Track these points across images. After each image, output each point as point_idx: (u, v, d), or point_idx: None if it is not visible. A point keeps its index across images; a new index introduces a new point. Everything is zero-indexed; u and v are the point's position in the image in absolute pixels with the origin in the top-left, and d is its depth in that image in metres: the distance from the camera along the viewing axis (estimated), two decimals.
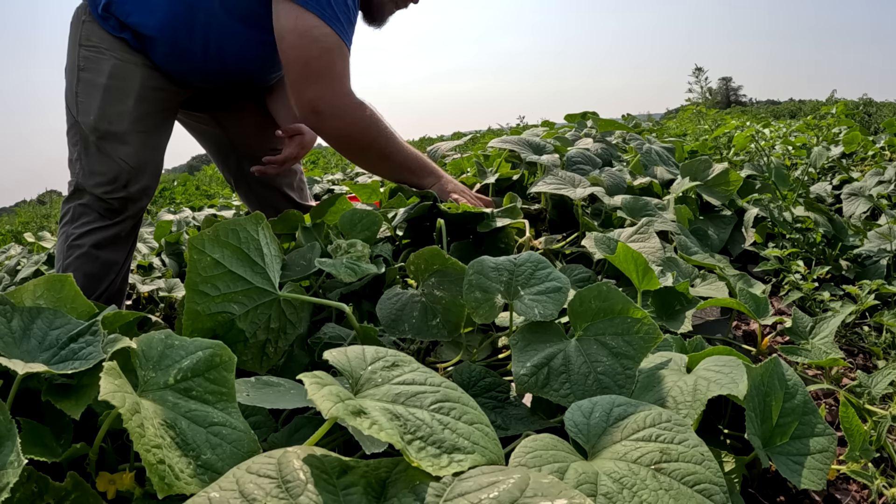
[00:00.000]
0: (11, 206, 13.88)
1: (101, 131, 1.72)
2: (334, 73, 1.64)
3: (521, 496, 0.55)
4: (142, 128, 1.77)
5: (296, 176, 2.25)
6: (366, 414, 0.65)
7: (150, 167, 1.82)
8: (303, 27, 1.58)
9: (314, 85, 1.62)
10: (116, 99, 1.73)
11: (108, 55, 1.73)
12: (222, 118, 2.09)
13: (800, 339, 1.44)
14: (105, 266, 1.79)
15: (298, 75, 1.63)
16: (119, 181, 1.74)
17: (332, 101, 1.65)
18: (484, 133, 9.81)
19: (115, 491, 0.76)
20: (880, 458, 1.14)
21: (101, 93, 1.72)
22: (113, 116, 1.72)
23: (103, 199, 1.75)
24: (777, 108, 21.79)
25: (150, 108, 1.79)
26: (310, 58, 1.60)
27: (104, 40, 1.73)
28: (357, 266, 1.24)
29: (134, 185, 1.77)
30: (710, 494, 0.67)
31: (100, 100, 1.72)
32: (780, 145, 3.99)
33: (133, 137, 1.74)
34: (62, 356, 0.83)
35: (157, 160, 1.85)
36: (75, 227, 1.76)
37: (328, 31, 1.60)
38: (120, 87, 1.73)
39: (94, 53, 1.74)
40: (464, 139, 2.79)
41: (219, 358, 0.81)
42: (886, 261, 1.99)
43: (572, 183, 1.85)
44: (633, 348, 0.97)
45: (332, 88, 1.64)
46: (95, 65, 1.73)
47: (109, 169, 1.73)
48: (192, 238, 1.06)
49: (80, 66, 1.75)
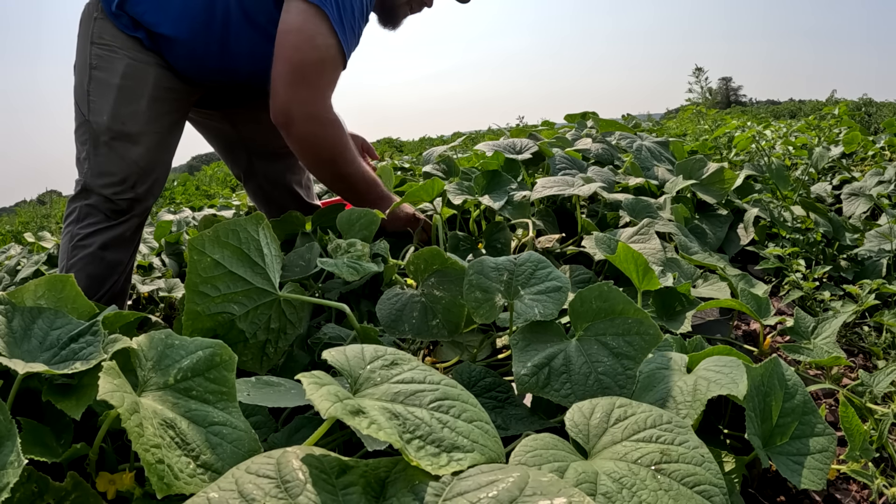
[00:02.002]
0: (11, 206, 13.87)
1: (113, 131, 1.69)
2: (320, 84, 1.62)
3: (521, 495, 0.55)
4: (155, 128, 1.75)
5: (304, 174, 2.25)
6: (364, 413, 0.65)
7: (159, 168, 1.80)
8: (309, 31, 1.57)
9: (297, 88, 1.59)
10: (130, 99, 1.71)
11: (121, 54, 1.71)
12: (233, 115, 2.08)
13: (801, 339, 1.44)
14: (110, 266, 1.78)
15: (286, 73, 1.59)
16: (128, 182, 1.73)
17: (307, 109, 1.62)
18: (484, 133, 9.81)
19: (115, 491, 0.76)
20: (880, 457, 1.14)
21: (115, 92, 1.70)
22: (126, 117, 1.70)
23: (111, 199, 1.73)
24: (777, 108, 21.78)
25: (163, 109, 1.77)
26: (305, 62, 1.58)
27: (117, 38, 1.71)
28: (359, 265, 1.24)
29: (142, 185, 1.76)
30: (710, 496, 0.67)
31: (113, 100, 1.70)
32: (781, 145, 3.99)
33: (145, 138, 1.73)
34: (63, 356, 0.83)
35: (166, 161, 1.84)
36: (80, 228, 1.75)
37: (332, 42, 1.59)
38: (133, 87, 1.71)
39: (107, 52, 1.71)
40: (460, 139, 2.80)
41: (219, 357, 0.81)
42: (886, 260, 1.99)
43: (569, 184, 1.85)
44: (633, 348, 0.97)
45: (313, 97, 1.62)
46: (108, 64, 1.71)
47: (119, 169, 1.72)
48: (192, 239, 1.06)
49: (93, 65, 1.72)
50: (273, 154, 2.13)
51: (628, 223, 1.83)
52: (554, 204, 2.13)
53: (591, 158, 2.48)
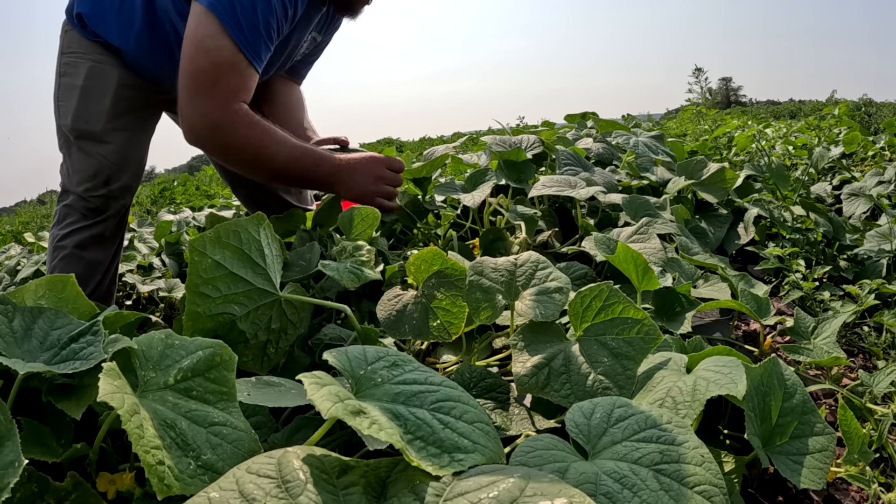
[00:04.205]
0: (11, 206, 13.85)
1: (78, 131, 1.75)
2: (217, 91, 1.50)
3: (521, 495, 0.55)
4: (120, 125, 1.78)
5: None
6: (365, 414, 0.65)
7: (131, 165, 1.82)
8: (199, 35, 1.47)
9: (195, 100, 1.50)
10: (93, 99, 1.75)
11: (85, 59, 1.76)
12: None
13: (801, 339, 1.44)
14: (90, 266, 1.81)
15: (182, 87, 1.51)
16: (99, 177, 1.76)
17: (209, 119, 1.52)
18: (484, 133, 9.82)
19: (116, 491, 0.77)
20: (880, 458, 1.15)
21: (79, 94, 1.75)
22: (90, 116, 1.75)
23: (85, 197, 1.78)
24: (777, 108, 21.79)
25: (128, 106, 1.80)
26: (197, 70, 1.49)
27: (83, 45, 1.76)
28: (360, 271, 1.24)
29: (115, 182, 1.79)
30: (711, 496, 0.67)
31: (76, 100, 1.75)
32: (781, 145, 3.99)
33: (111, 136, 1.76)
34: (63, 356, 0.83)
35: (138, 158, 1.85)
36: (60, 229, 1.80)
37: (224, 42, 1.47)
38: (97, 86, 1.75)
39: (74, 59, 1.77)
40: (460, 139, 2.79)
41: (219, 357, 0.81)
42: (886, 260, 1.99)
43: (570, 184, 1.85)
44: (633, 349, 0.97)
45: (212, 106, 1.51)
46: (74, 69, 1.76)
47: (89, 166, 1.76)
48: (192, 240, 1.06)
49: (62, 73, 1.79)
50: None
51: (627, 222, 1.83)
52: (556, 203, 2.13)
53: (592, 158, 2.48)
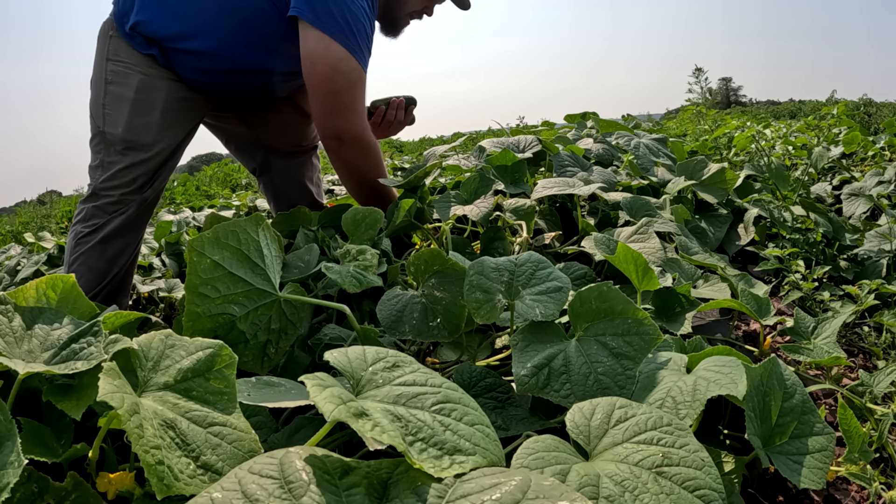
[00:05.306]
0: (11, 206, 13.85)
1: (128, 141, 1.81)
2: (357, 108, 1.77)
3: (524, 498, 0.55)
4: (167, 137, 1.86)
5: (315, 171, 2.38)
6: (367, 416, 0.65)
7: (168, 171, 1.93)
8: (333, 58, 1.68)
9: (339, 116, 1.75)
10: (143, 111, 1.82)
11: (135, 71, 1.81)
12: (249, 118, 2.19)
13: (801, 339, 1.44)
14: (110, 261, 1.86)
15: (324, 104, 1.73)
16: (137, 183, 1.84)
17: (353, 134, 1.78)
18: (484, 133, 9.81)
19: (115, 491, 0.76)
20: (881, 457, 1.15)
21: (129, 106, 1.80)
22: (140, 128, 1.81)
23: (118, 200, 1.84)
24: (777, 108, 21.78)
25: (175, 118, 1.88)
26: (339, 90, 1.71)
27: (132, 56, 1.82)
28: (363, 276, 1.24)
29: (149, 187, 1.88)
30: (710, 500, 0.67)
31: (127, 112, 1.81)
32: (781, 145, 3.99)
33: (158, 146, 1.84)
34: (63, 356, 0.83)
35: (173, 166, 1.96)
36: (85, 226, 1.85)
37: (355, 65, 1.71)
38: (146, 99, 1.82)
39: (122, 68, 1.82)
40: (460, 140, 2.79)
41: (219, 358, 0.81)
42: (886, 261, 1.99)
43: (569, 185, 1.85)
44: (633, 349, 0.97)
45: (354, 122, 1.77)
46: (123, 79, 1.82)
47: (130, 173, 1.83)
48: (191, 240, 1.06)
49: (108, 80, 1.83)
50: (288, 152, 2.27)
51: (627, 222, 1.83)
52: (556, 203, 2.13)
53: (592, 158, 2.48)
